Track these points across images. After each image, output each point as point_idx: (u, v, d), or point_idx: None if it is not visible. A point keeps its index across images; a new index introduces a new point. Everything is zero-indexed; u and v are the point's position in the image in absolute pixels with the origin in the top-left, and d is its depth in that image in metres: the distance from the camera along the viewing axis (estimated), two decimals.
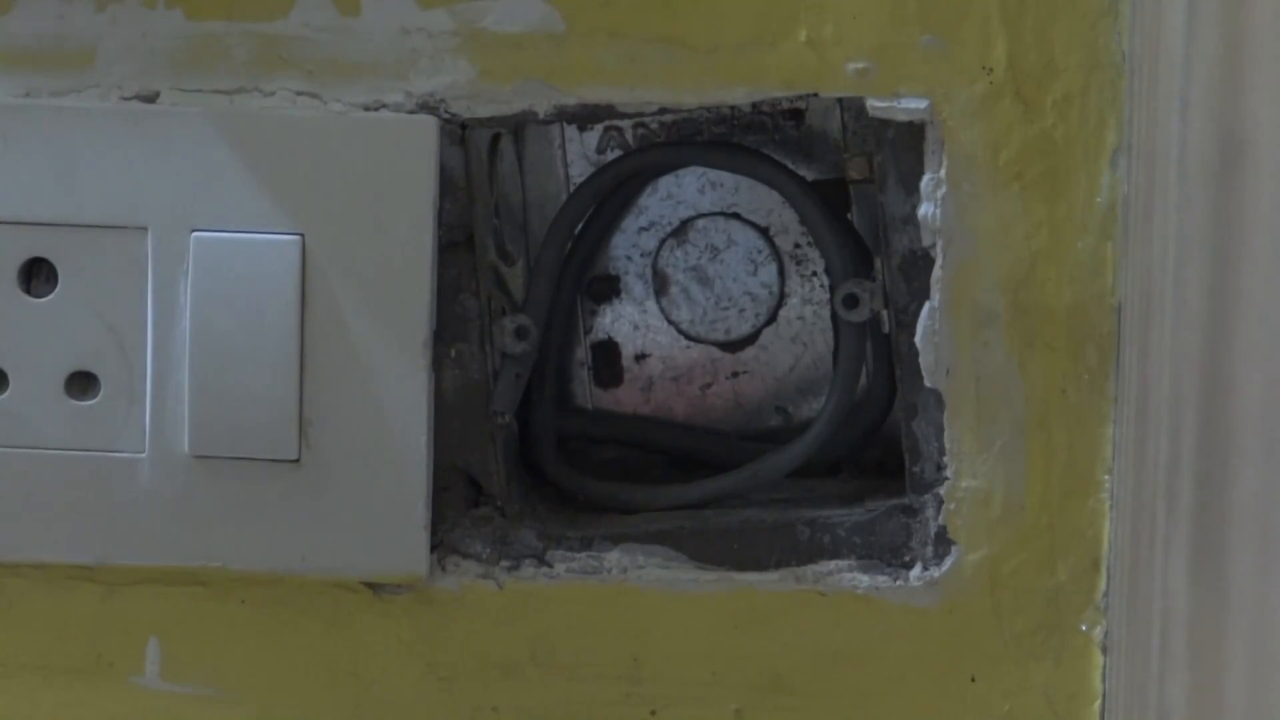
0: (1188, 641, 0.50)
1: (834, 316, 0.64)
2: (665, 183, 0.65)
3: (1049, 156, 0.59)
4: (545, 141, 0.65)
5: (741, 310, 0.66)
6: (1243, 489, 0.45)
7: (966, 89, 0.59)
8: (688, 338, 0.66)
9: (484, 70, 0.60)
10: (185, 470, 0.61)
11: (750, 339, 0.66)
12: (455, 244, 0.61)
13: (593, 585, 0.63)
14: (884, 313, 0.63)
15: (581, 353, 0.66)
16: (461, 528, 0.63)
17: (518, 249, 0.65)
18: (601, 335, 0.66)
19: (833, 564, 0.63)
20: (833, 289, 0.63)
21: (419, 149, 0.59)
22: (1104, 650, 0.62)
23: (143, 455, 0.60)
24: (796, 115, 0.64)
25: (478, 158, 0.62)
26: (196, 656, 0.63)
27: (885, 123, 0.60)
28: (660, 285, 0.66)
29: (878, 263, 0.64)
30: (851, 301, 0.62)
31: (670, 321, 0.66)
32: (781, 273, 0.65)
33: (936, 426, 0.61)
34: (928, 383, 0.61)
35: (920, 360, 0.61)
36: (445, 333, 0.61)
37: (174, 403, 0.60)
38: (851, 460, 0.67)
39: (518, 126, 0.63)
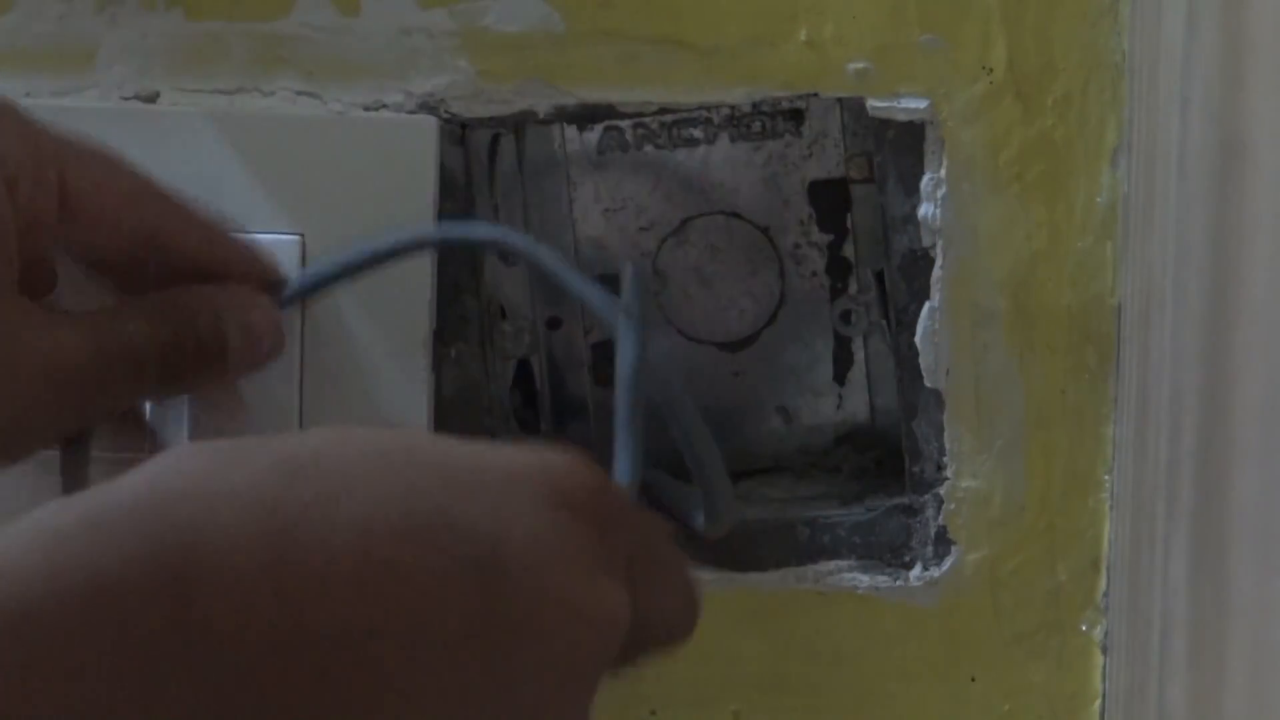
0: (1188, 641, 0.50)
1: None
2: (665, 182, 0.65)
3: (1049, 156, 0.59)
4: (545, 141, 0.65)
5: (741, 310, 0.66)
6: (1243, 489, 0.45)
7: (966, 89, 0.59)
8: (688, 338, 0.66)
9: (484, 70, 0.60)
10: None
11: (750, 339, 0.66)
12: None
13: None
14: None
15: (582, 353, 0.66)
16: None
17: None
18: (601, 335, 0.66)
19: (833, 564, 0.63)
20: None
21: (419, 149, 0.59)
22: (1104, 650, 0.62)
23: (143, 455, 0.60)
24: (796, 115, 0.64)
25: (478, 158, 0.62)
26: None
27: (885, 123, 0.60)
28: (660, 285, 0.66)
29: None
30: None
31: (670, 321, 0.66)
32: (781, 273, 0.65)
33: (936, 426, 0.61)
34: (928, 383, 0.61)
35: (920, 360, 0.61)
36: (445, 333, 0.61)
37: (174, 401, 0.60)
38: (851, 460, 0.67)
39: (518, 126, 0.63)
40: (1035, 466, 0.61)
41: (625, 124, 0.64)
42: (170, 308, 0.51)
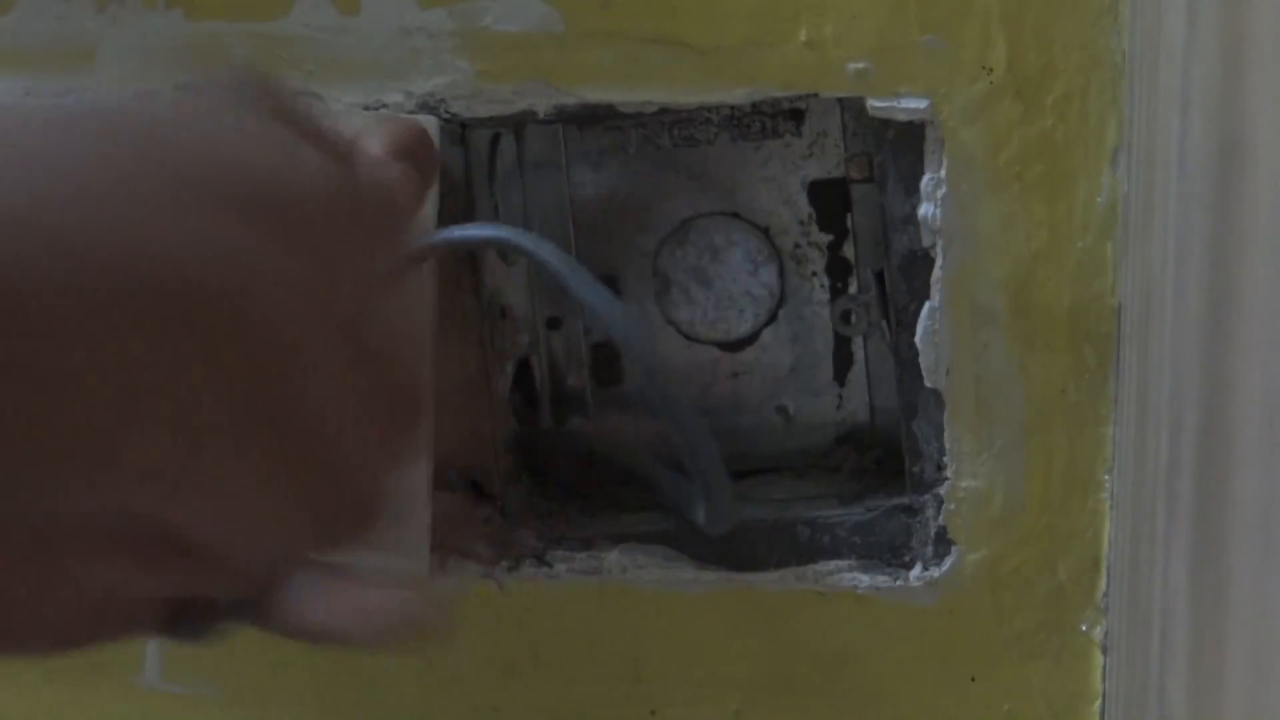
0: (1188, 641, 0.50)
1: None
2: (665, 182, 0.65)
3: (1049, 156, 0.59)
4: (545, 141, 0.65)
5: (741, 310, 0.66)
6: (1243, 489, 0.45)
7: (966, 89, 0.59)
8: (688, 338, 0.66)
9: (484, 70, 0.60)
10: None
11: (750, 339, 0.66)
12: None
13: (593, 585, 0.63)
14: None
15: (581, 352, 0.66)
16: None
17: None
18: (601, 335, 0.66)
19: (833, 564, 0.63)
20: None
21: None
22: (1104, 650, 0.62)
23: None
24: (796, 115, 0.64)
25: (478, 157, 0.62)
26: (196, 656, 0.63)
27: (885, 123, 0.60)
28: (660, 285, 0.66)
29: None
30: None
31: (670, 321, 0.66)
32: (781, 273, 0.65)
33: (936, 426, 0.61)
34: (928, 383, 0.61)
35: (920, 360, 0.61)
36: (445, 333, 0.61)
37: None
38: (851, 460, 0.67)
39: (518, 126, 0.63)
40: (1035, 466, 0.61)
41: (625, 124, 0.64)
42: None
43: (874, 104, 0.59)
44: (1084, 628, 0.62)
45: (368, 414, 0.38)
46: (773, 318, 0.66)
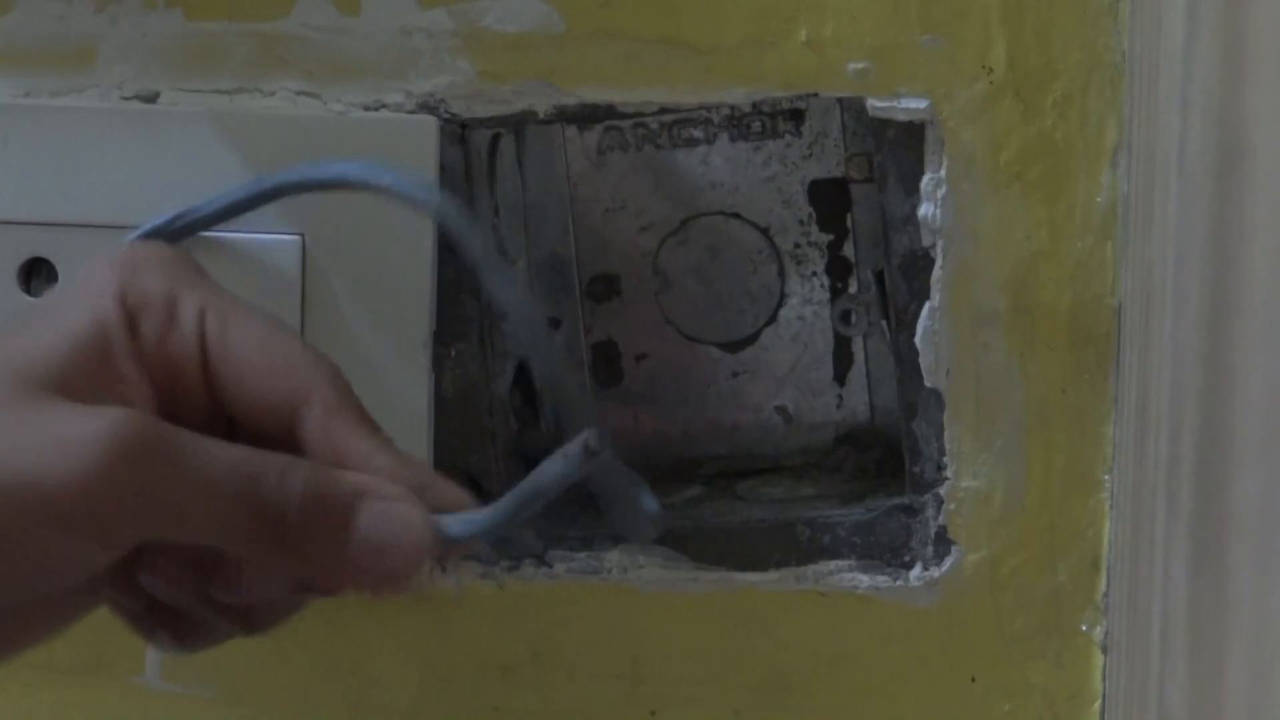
0: (1188, 641, 0.50)
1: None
2: (665, 182, 0.65)
3: (1049, 156, 0.59)
4: (545, 141, 0.65)
5: (741, 310, 0.66)
6: (1243, 489, 0.45)
7: (966, 89, 0.59)
8: (688, 338, 0.66)
9: (484, 70, 0.60)
10: None
11: (750, 339, 0.66)
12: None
13: (593, 585, 0.63)
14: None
15: (582, 352, 0.66)
16: None
17: (517, 249, 0.65)
18: (601, 335, 0.66)
19: (833, 564, 0.63)
20: None
21: (419, 149, 0.59)
22: (1104, 650, 0.62)
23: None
24: (796, 115, 0.64)
25: (478, 157, 0.62)
26: (196, 656, 0.63)
27: (885, 123, 0.60)
28: (660, 285, 0.66)
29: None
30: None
31: (670, 321, 0.66)
32: (781, 273, 0.65)
33: (936, 426, 0.61)
34: (928, 383, 0.61)
35: (920, 360, 0.61)
36: (445, 333, 0.61)
37: None
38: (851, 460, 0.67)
39: (518, 126, 0.63)
40: (1035, 466, 0.61)
41: (625, 124, 0.64)
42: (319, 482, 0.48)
43: (874, 104, 0.59)
44: (1084, 628, 0.62)
45: None
46: (773, 318, 0.66)
